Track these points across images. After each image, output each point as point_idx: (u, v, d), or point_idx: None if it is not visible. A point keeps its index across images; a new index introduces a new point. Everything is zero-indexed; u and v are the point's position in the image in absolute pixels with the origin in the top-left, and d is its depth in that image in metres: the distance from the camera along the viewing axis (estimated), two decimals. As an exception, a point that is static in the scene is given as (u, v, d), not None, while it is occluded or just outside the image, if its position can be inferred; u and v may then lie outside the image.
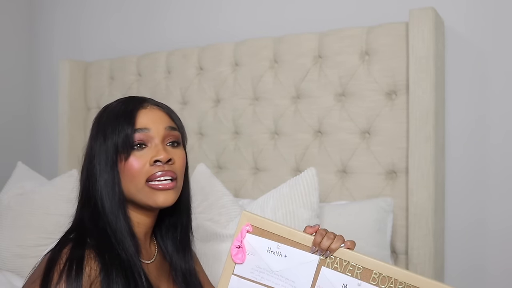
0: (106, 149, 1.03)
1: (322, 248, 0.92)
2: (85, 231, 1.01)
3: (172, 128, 1.08)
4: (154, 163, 1.02)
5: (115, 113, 1.06)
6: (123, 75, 2.49)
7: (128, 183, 1.02)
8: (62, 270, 0.92)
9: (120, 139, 1.02)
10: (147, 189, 1.02)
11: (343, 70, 1.89)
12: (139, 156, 1.02)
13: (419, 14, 1.69)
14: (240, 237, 0.97)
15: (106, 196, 1.02)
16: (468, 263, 1.80)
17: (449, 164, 1.83)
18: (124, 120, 1.03)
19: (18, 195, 2.08)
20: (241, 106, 2.12)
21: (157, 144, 1.03)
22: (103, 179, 1.03)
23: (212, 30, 2.36)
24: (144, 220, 1.08)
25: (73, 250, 0.95)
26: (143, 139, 1.03)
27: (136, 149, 1.02)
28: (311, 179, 1.61)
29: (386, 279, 0.90)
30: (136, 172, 1.01)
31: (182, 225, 1.15)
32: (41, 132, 2.99)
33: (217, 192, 1.75)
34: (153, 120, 1.05)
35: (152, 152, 1.03)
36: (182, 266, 1.13)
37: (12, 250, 1.95)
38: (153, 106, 1.09)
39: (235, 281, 0.96)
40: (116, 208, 1.02)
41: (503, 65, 1.76)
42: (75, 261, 0.93)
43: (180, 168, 1.07)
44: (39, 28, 3.02)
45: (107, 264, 0.95)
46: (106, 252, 0.97)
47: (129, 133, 1.02)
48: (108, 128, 1.04)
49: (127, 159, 1.02)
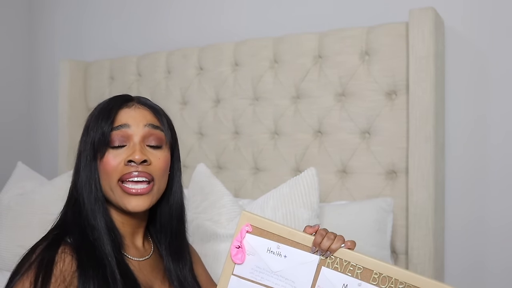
0: (86, 146, 1.03)
1: (322, 248, 0.91)
2: (65, 228, 1.01)
3: (154, 126, 1.05)
4: (128, 163, 1.00)
5: (98, 111, 1.05)
6: (123, 75, 2.49)
7: (103, 181, 1.02)
8: (32, 262, 0.91)
9: (97, 136, 1.01)
10: (119, 190, 1.01)
11: (343, 70, 1.89)
12: (116, 155, 1.01)
13: (419, 14, 1.69)
14: (239, 237, 0.97)
15: (85, 192, 1.02)
16: (469, 262, 1.79)
17: (449, 164, 1.83)
18: (103, 118, 1.03)
19: (18, 195, 2.08)
20: (241, 106, 2.12)
21: (135, 144, 1.02)
22: (84, 175, 1.03)
23: (212, 30, 2.36)
24: (128, 220, 1.07)
25: (47, 247, 0.94)
26: (122, 136, 1.02)
27: (113, 147, 1.02)
28: (311, 179, 1.60)
29: (386, 279, 0.89)
30: (110, 170, 1.00)
31: (172, 231, 1.12)
32: (41, 132, 2.99)
33: (217, 192, 1.74)
34: (134, 118, 1.04)
35: (129, 151, 1.01)
36: (177, 272, 1.11)
37: (12, 250, 1.95)
38: (138, 104, 1.07)
39: (235, 282, 0.96)
40: (93, 205, 1.01)
41: (503, 65, 1.76)
42: (48, 254, 0.92)
43: (158, 170, 1.04)
44: (39, 28, 3.02)
45: (84, 261, 0.94)
46: (83, 249, 0.96)
47: (105, 131, 1.01)
48: (91, 124, 1.04)
49: (103, 157, 1.01)
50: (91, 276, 0.92)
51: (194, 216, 1.69)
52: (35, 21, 3.03)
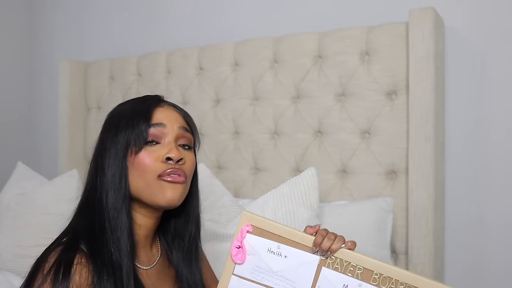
0: (117, 142, 1.02)
1: (323, 249, 0.91)
2: (79, 234, 0.99)
3: (186, 129, 1.08)
4: (166, 160, 1.01)
5: (131, 109, 1.06)
6: (123, 75, 2.49)
7: (136, 177, 1.01)
8: (47, 273, 0.90)
9: (133, 133, 1.01)
10: (156, 184, 1.01)
11: (343, 70, 1.89)
12: (151, 152, 1.02)
13: (419, 14, 1.69)
14: (240, 237, 0.97)
15: (112, 190, 1.01)
16: (469, 262, 1.80)
17: (449, 164, 1.83)
18: (140, 116, 1.03)
19: (18, 195, 2.08)
20: (241, 106, 2.12)
21: (170, 142, 1.03)
22: (111, 172, 1.01)
23: (212, 30, 2.36)
24: (146, 222, 1.07)
25: (63, 253, 0.93)
26: (157, 135, 1.03)
27: (148, 144, 1.02)
28: (311, 179, 1.61)
29: (386, 279, 0.89)
30: (147, 167, 1.00)
31: (190, 235, 1.13)
32: (41, 132, 2.99)
33: (217, 192, 1.75)
34: (168, 118, 1.05)
35: (165, 149, 1.02)
36: (188, 278, 1.11)
37: (12, 250, 1.95)
38: (169, 106, 1.09)
39: (235, 282, 0.96)
40: (119, 203, 1.00)
41: (503, 64, 1.76)
42: (63, 265, 0.91)
43: (189, 170, 1.06)
44: (39, 28, 3.01)
45: (99, 268, 0.93)
46: (98, 257, 0.95)
47: (143, 128, 1.02)
48: (123, 122, 1.03)
49: (138, 154, 1.01)
50: (106, 282, 0.92)
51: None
52: (35, 21, 3.03)
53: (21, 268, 1.90)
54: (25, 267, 1.88)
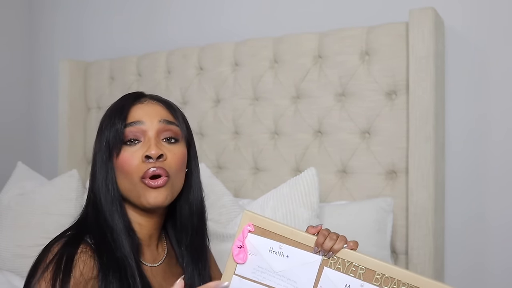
0: (101, 146, 1.02)
1: (325, 249, 0.91)
2: (84, 228, 0.99)
3: (168, 122, 1.04)
4: (145, 159, 0.99)
5: (110, 109, 1.05)
6: (123, 75, 2.49)
7: (123, 179, 1.00)
8: (49, 262, 0.90)
9: (111, 134, 1.00)
10: (140, 186, 0.99)
11: (343, 70, 1.89)
12: (132, 152, 1.00)
13: (419, 14, 1.70)
14: (241, 237, 0.96)
15: (102, 193, 1.01)
16: (469, 262, 1.80)
17: (449, 164, 1.83)
18: (115, 115, 1.02)
19: (18, 195, 2.08)
20: (241, 106, 2.12)
21: (150, 139, 1.01)
22: (101, 176, 1.01)
23: (212, 30, 2.36)
24: (146, 222, 1.06)
25: (66, 245, 0.93)
26: (136, 132, 1.01)
27: (128, 144, 1.00)
28: (311, 179, 1.61)
29: (389, 280, 0.89)
30: (130, 168, 0.99)
31: (192, 228, 1.10)
32: (41, 132, 2.99)
33: (217, 192, 1.75)
34: (148, 114, 1.03)
35: (144, 147, 1.00)
36: (193, 274, 1.09)
37: (12, 250, 1.95)
38: (151, 100, 1.07)
39: (237, 281, 0.96)
40: (110, 205, 1.00)
41: (503, 64, 1.76)
42: (66, 254, 0.90)
43: (174, 165, 1.02)
44: (39, 28, 3.01)
45: (105, 264, 0.93)
46: (104, 252, 0.95)
47: (119, 128, 1.00)
48: (104, 123, 1.03)
49: (119, 155, 1.00)
50: (111, 279, 0.91)
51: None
52: (35, 21, 3.03)
53: (21, 268, 1.91)
54: (25, 267, 1.88)
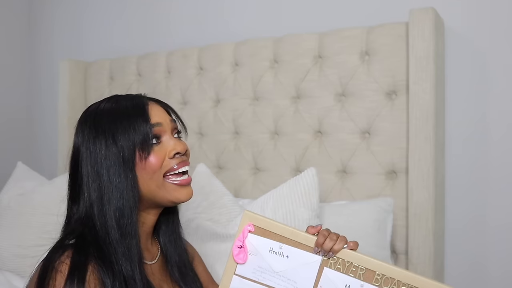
0: (118, 151, 0.97)
1: (325, 249, 0.91)
2: (85, 239, 0.96)
3: (173, 120, 1.08)
4: (173, 156, 1.02)
5: (121, 112, 1.01)
6: (123, 75, 2.49)
7: (148, 181, 0.99)
8: (63, 273, 0.88)
9: (138, 137, 0.98)
10: (167, 185, 1.01)
11: (343, 70, 1.89)
12: (157, 151, 1.01)
13: (419, 14, 1.70)
14: (242, 237, 0.97)
15: (120, 200, 0.97)
16: (469, 262, 1.80)
17: (449, 163, 1.83)
18: (137, 117, 1.00)
19: (18, 195, 2.08)
20: (241, 106, 2.12)
21: (170, 137, 1.03)
22: (121, 184, 0.97)
23: (212, 30, 2.36)
24: (149, 220, 1.07)
25: (75, 256, 0.91)
26: (159, 132, 1.02)
27: (154, 143, 1.01)
28: (311, 179, 1.61)
29: (389, 280, 0.89)
30: (157, 167, 1.00)
31: (174, 216, 1.15)
32: (41, 132, 2.99)
33: (217, 192, 1.75)
34: (159, 114, 1.05)
35: (167, 145, 1.02)
36: (176, 259, 1.12)
37: (12, 250, 1.95)
38: (151, 101, 1.07)
39: (237, 281, 0.96)
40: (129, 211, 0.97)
41: (502, 64, 1.76)
42: (78, 268, 0.89)
43: (188, 156, 1.09)
44: (39, 28, 3.01)
45: (111, 280, 0.92)
46: (109, 267, 0.93)
47: (147, 130, 0.99)
48: (118, 127, 0.98)
49: (147, 157, 0.99)
50: None
51: (194, 216, 1.69)
52: (35, 21, 3.03)
53: (21, 268, 1.90)
54: (25, 267, 1.89)
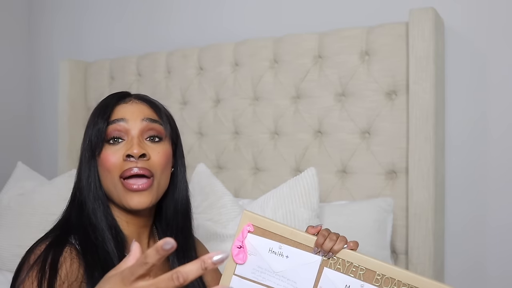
0: (85, 145, 1.02)
1: (325, 249, 0.91)
2: (68, 229, 0.98)
3: (152, 120, 1.03)
4: (127, 158, 0.98)
5: (95, 108, 1.05)
6: (123, 75, 2.49)
7: (105, 178, 1.00)
8: (33, 264, 0.89)
9: (94, 132, 1.00)
10: (121, 187, 0.98)
11: (343, 70, 1.89)
12: (115, 151, 0.99)
13: (419, 14, 1.70)
14: (241, 237, 0.96)
15: (86, 191, 1.01)
16: (469, 262, 1.80)
17: (449, 163, 1.83)
18: (99, 114, 1.01)
19: (18, 195, 2.08)
20: (241, 106, 2.12)
21: (133, 138, 1.00)
22: (85, 174, 1.02)
23: (212, 30, 2.36)
24: (132, 219, 1.05)
25: (50, 246, 0.92)
26: (119, 130, 1.00)
27: (111, 143, 1.00)
28: (311, 179, 1.61)
29: (389, 280, 0.89)
30: (111, 166, 0.99)
31: (177, 227, 1.10)
32: (41, 132, 2.99)
33: (217, 192, 1.75)
34: (131, 112, 1.02)
35: (127, 146, 0.99)
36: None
37: (12, 250, 1.95)
38: (136, 100, 1.06)
39: (236, 282, 0.96)
40: (93, 203, 1.00)
41: (502, 64, 1.76)
42: (51, 256, 0.90)
43: (158, 165, 1.01)
44: (39, 28, 3.01)
45: (90, 263, 0.92)
46: (89, 251, 0.94)
47: (101, 126, 0.99)
48: (88, 121, 1.04)
49: (100, 154, 1.00)
50: (97, 277, 0.89)
51: (194, 216, 1.69)
52: (35, 21, 3.03)
53: (21, 268, 1.90)
54: (25, 267, 1.88)
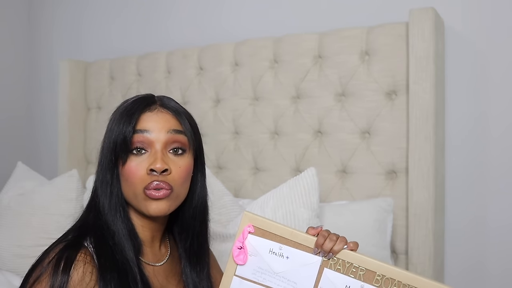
0: (107, 148, 1.01)
1: (325, 250, 0.91)
2: (85, 232, 0.98)
3: (177, 131, 1.02)
4: (150, 172, 0.98)
5: (120, 113, 1.02)
6: (123, 75, 2.49)
7: (127, 187, 1.00)
8: (46, 265, 0.90)
9: (119, 139, 0.98)
10: (142, 196, 0.99)
11: (343, 70, 1.89)
12: (138, 162, 0.98)
13: (419, 14, 1.70)
14: (241, 238, 0.96)
15: (104, 196, 1.00)
16: (469, 262, 1.80)
17: (449, 163, 1.83)
18: (125, 121, 0.99)
19: (18, 195, 2.09)
20: (241, 106, 2.12)
21: (156, 151, 0.99)
22: (105, 179, 1.01)
23: (212, 30, 2.36)
24: (148, 224, 1.05)
25: (65, 249, 0.92)
26: (143, 141, 0.99)
27: (135, 153, 0.99)
28: (311, 179, 1.61)
29: (389, 281, 0.89)
30: (135, 179, 0.98)
31: (194, 232, 1.09)
32: (41, 132, 2.99)
33: (217, 192, 1.75)
34: (156, 122, 1.01)
35: (150, 159, 0.98)
36: (193, 276, 1.09)
37: (11, 250, 1.95)
38: (161, 108, 1.04)
39: (237, 282, 0.96)
40: (113, 209, 1.00)
41: (502, 64, 1.76)
42: (64, 258, 0.90)
43: (178, 179, 1.00)
44: (39, 28, 3.01)
45: (104, 266, 0.93)
46: (104, 254, 0.94)
47: (127, 134, 0.98)
48: (112, 127, 1.01)
49: (125, 163, 0.98)
50: (110, 280, 0.91)
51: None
52: (35, 21, 3.03)
53: (21, 268, 1.91)
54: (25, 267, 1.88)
